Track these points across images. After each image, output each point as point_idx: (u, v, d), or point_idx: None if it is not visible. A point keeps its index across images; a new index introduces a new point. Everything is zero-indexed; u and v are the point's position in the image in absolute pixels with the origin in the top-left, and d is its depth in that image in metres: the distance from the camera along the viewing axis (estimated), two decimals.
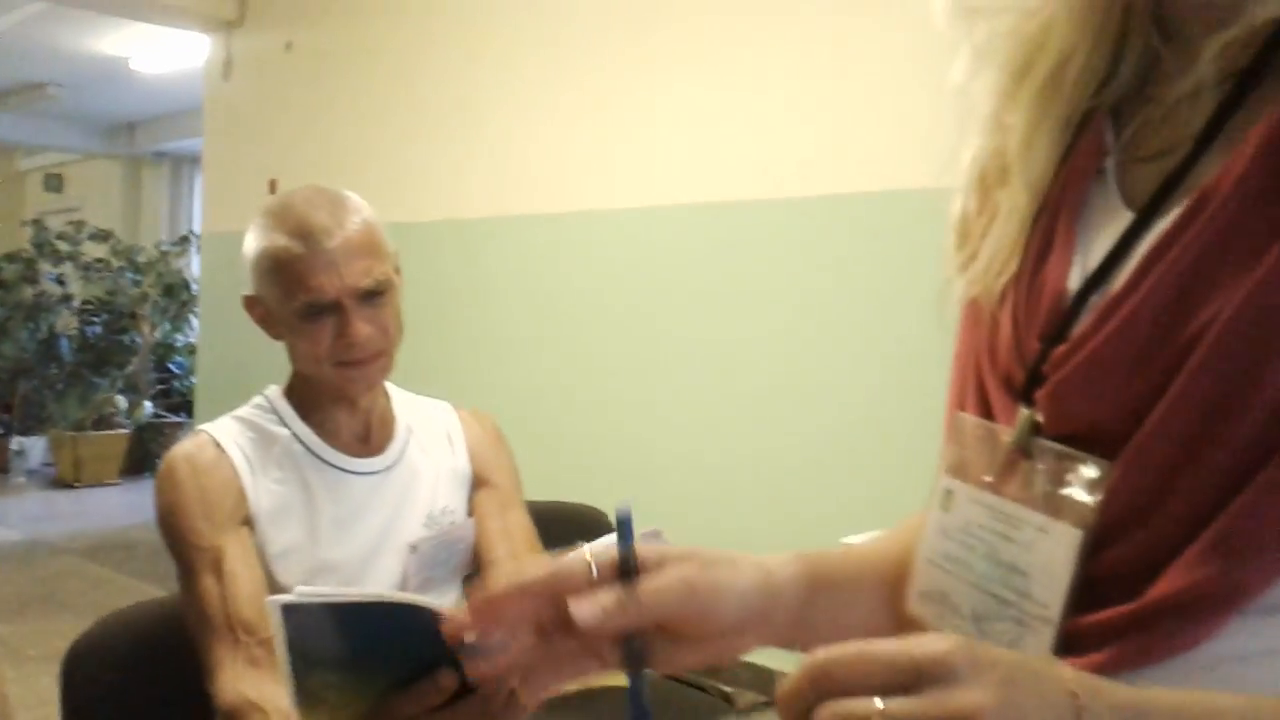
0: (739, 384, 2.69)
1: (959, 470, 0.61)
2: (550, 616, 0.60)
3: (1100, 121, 0.60)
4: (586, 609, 0.56)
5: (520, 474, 1.49)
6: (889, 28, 2.32)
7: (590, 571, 0.59)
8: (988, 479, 0.59)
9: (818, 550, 0.71)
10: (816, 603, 0.66)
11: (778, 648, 0.64)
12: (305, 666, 0.75)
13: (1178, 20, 0.57)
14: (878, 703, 0.39)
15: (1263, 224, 0.48)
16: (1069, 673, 0.43)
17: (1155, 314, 0.51)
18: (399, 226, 1.82)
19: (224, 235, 4.19)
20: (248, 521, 1.29)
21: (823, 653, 0.41)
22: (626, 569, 0.59)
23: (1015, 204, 0.62)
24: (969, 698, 0.39)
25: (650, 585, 0.58)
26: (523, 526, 1.42)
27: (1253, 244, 0.48)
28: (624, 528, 0.60)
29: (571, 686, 0.61)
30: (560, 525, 1.55)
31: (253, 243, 1.32)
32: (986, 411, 0.61)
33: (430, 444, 1.43)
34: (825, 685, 0.40)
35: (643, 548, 0.60)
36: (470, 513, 1.43)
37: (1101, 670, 0.51)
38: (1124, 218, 0.56)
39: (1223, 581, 0.48)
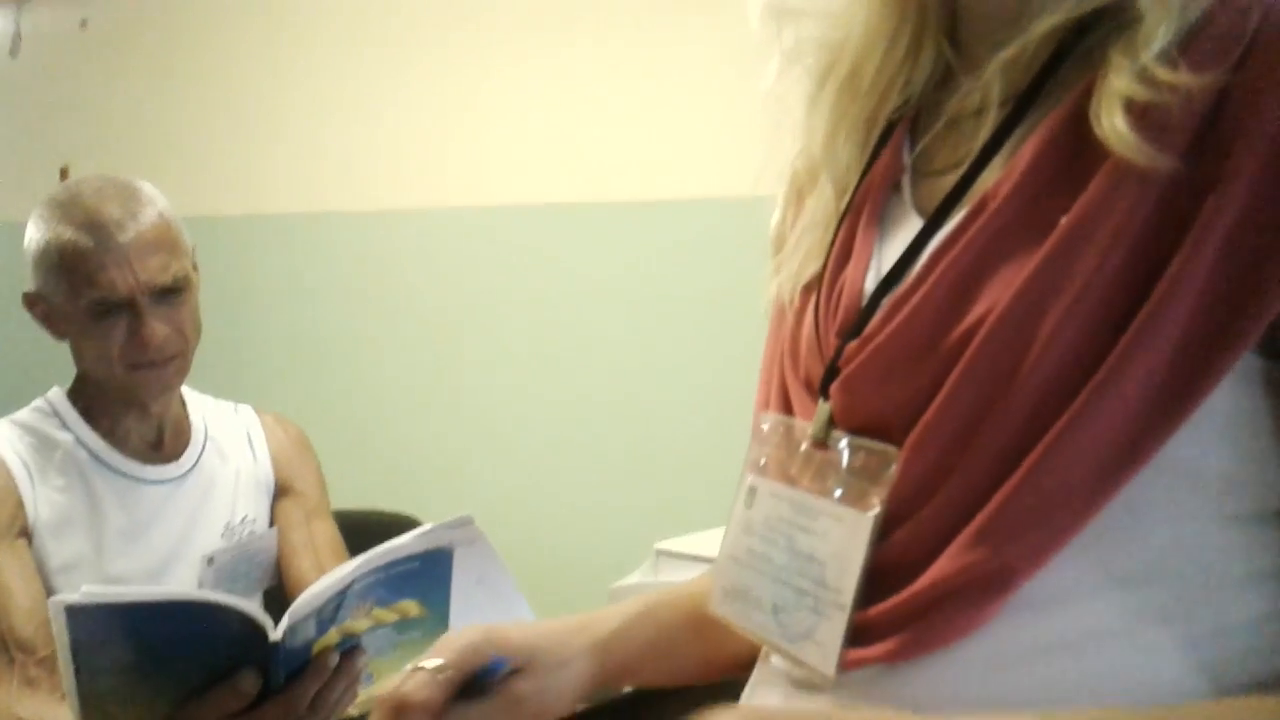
0: (557, 388, 2.69)
1: (761, 467, 0.63)
2: None
3: (900, 135, 0.63)
4: None
5: (327, 481, 1.44)
6: (719, 29, 2.35)
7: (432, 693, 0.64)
8: (787, 473, 0.61)
9: (651, 596, 0.76)
10: (645, 654, 0.74)
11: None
12: (90, 675, 0.70)
13: (966, 37, 0.60)
14: None
15: (1035, 225, 0.51)
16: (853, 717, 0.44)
17: (936, 309, 0.54)
18: (200, 220, 1.73)
19: (8, 225, 3.92)
20: (25, 533, 1.21)
21: None
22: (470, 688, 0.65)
23: (821, 206, 0.65)
24: None
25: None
26: (329, 537, 1.38)
27: (1025, 244, 0.51)
28: (444, 562, 0.60)
29: None
30: (372, 534, 1.50)
31: (36, 235, 1.24)
32: (789, 409, 0.63)
33: (230, 450, 1.37)
34: None
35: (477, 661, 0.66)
36: (272, 523, 1.38)
37: (890, 659, 0.53)
38: (916, 224, 0.59)
39: (989, 566, 0.51)
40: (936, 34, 0.61)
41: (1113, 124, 0.48)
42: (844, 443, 0.58)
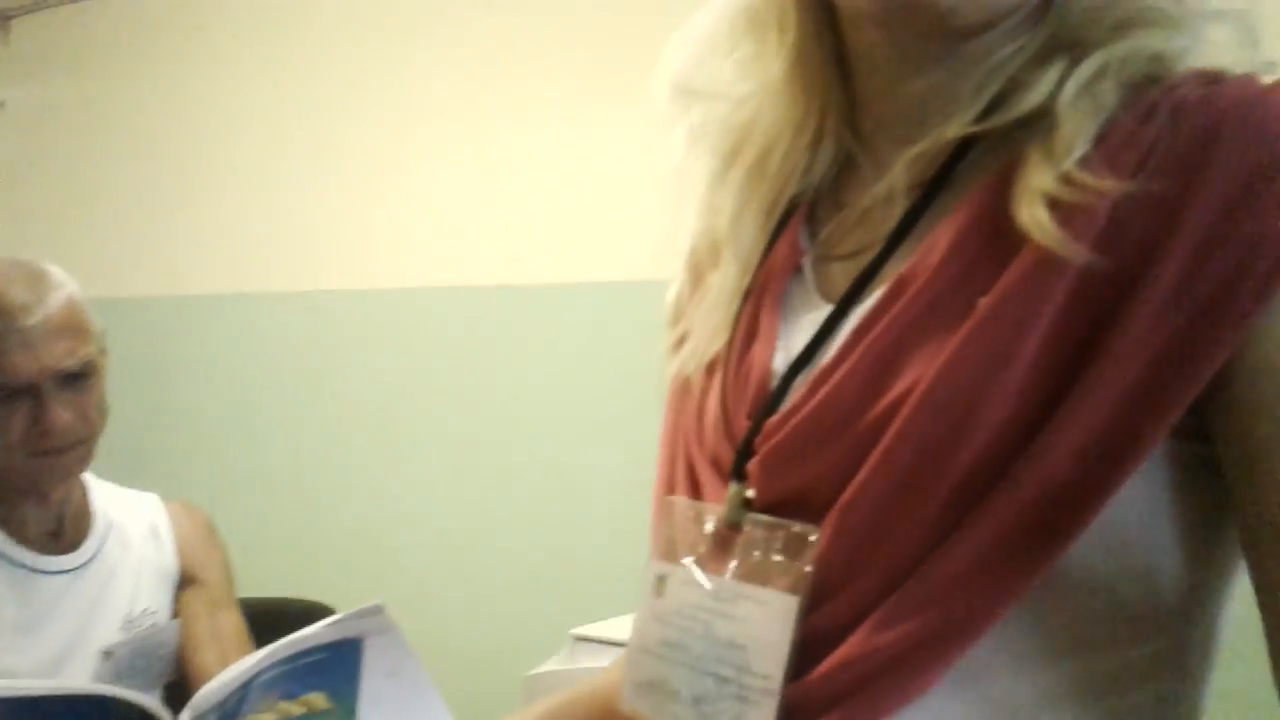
0: (472, 473, 2.67)
1: (670, 554, 0.62)
2: None
3: (798, 220, 0.64)
4: None
5: (237, 568, 1.41)
6: (636, 116, 2.40)
7: None
8: (700, 558, 0.60)
9: (555, 700, 0.75)
10: None
11: None
12: None
13: (869, 129, 0.62)
14: None
15: (956, 306, 0.53)
16: None
17: (859, 385, 0.54)
18: (113, 301, 1.70)
19: None
20: None
21: None
22: None
23: (725, 284, 0.65)
24: None
25: None
26: (234, 628, 1.34)
27: (946, 324, 0.53)
28: (354, 653, 0.58)
29: None
30: (282, 623, 1.47)
31: None
32: (696, 492, 0.62)
33: (133, 540, 1.34)
34: None
35: None
36: (175, 614, 1.34)
37: None
38: (823, 309, 0.60)
39: (920, 637, 0.51)
40: (839, 125, 0.63)
41: (1034, 216, 0.51)
42: (761, 523, 0.57)
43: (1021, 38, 0.56)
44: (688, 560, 0.61)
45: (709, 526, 0.60)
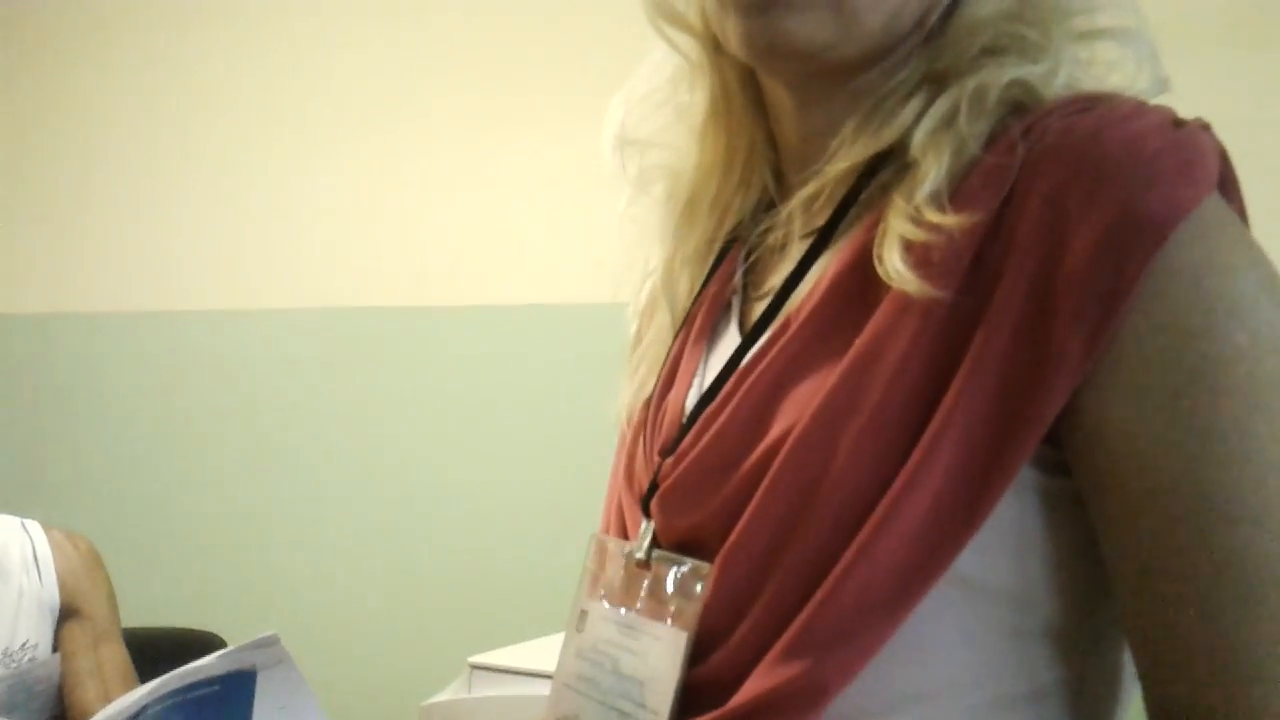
0: (367, 497, 2.63)
1: (593, 590, 0.63)
2: None
3: (734, 256, 0.66)
4: None
5: (124, 596, 1.37)
6: (559, 141, 2.40)
7: None
8: (615, 594, 0.61)
9: None
10: None
11: None
12: None
13: (785, 170, 0.64)
14: None
15: (831, 348, 0.54)
16: None
17: (741, 426, 0.55)
18: None
19: None
20: None
21: None
22: None
23: (660, 329, 0.67)
24: None
25: None
26: (118, 663, 1.31)
27: (822, 365, 0.54)
28: (247, 685, 0.57)
29: None
30: (169, 653, 1.44)
31: None
32: (624, 528, 0.63)
33: (11, 570, 1.30)
34: None
35: None
36: (56, 648, 1.30)
37: None
38: (737, 343, 0.61)
39: (802, 681, 0.51)
40: (761, 166, 0.65)
41: (892, 261, 0.52)
42: (663, 560, 0.58)
43: (904, 72, 0.56)
44: (603, 596, 0.62)
45: (624, 563, 0.61)
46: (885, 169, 0.56)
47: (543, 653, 1.47)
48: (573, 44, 2.29)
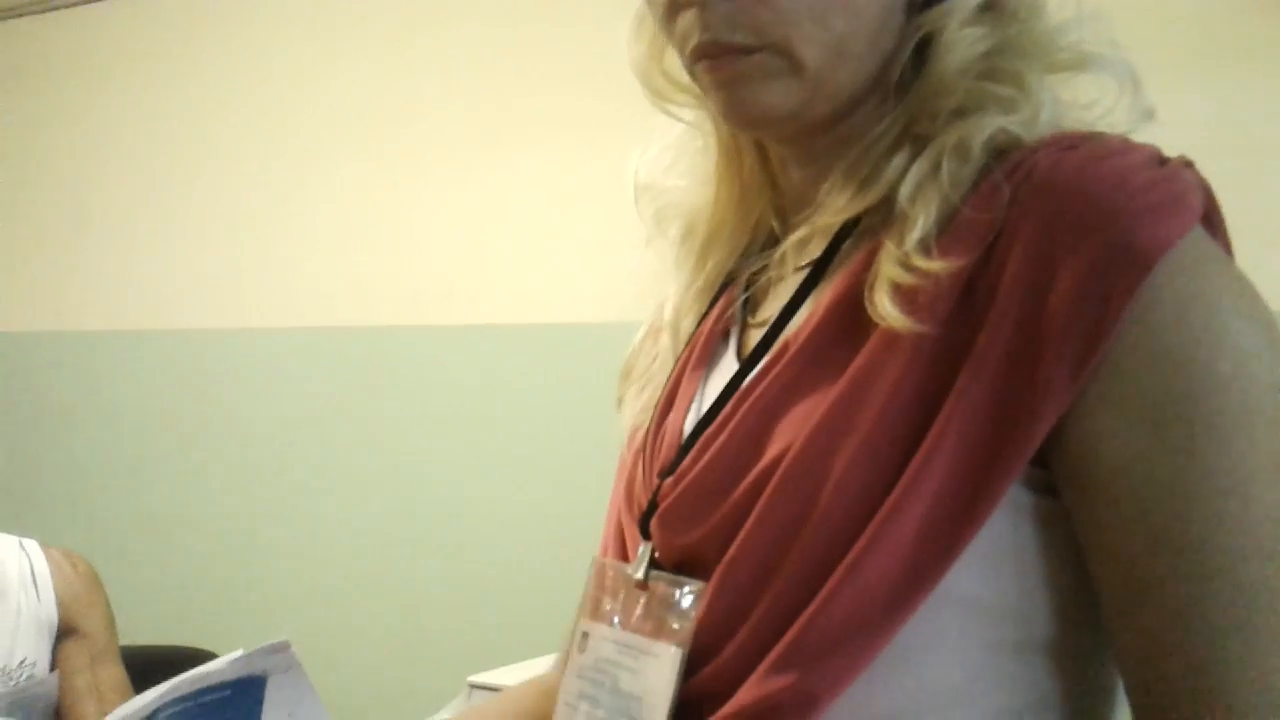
0: (368, 517, 2.63)
1: (595, 611, 0.64)
2: None
3: (734, 289, 0.69)
4: None
5: (123, 614, 1.38)
6: (575, 162, 2.41)
7: None
8: (615, 614, 0.62)
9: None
10: None
11: None
12: None
13: (786, 210, 0.67)
14: None
15: (827, 373, 0.56)
16: None
17: (738, 448, 0.57)
18: None
19: None
20: None
21: None
22: None
23: (665, 355, 0.70)
24: None
25: None
26: (115, 682, 1.32)
27: (818, 389, 0.56)
28: (257, 691, 0.57)
29: None
30: (167, 672, 1.44)
31: None
32: (624, 550, 0.65)
33: (10, 588, 1.30)
34: None
35: None
36: (54, 666, 1.30)
37: None
38: (734, 370, 0.63)
39: (793, 691, 0.52)
40: (767, 207, 0.68)
41: (882, 304, 0.54)
42: (661, 579, 0.60)
43: (883, 121, 0.59)
44: (603, 617, 0.64)
45: (624, 583, 0.63)
46: (876, 213, 0.58)
47: (541, 672, 1.47)
48: (570, 68, 2.31)
